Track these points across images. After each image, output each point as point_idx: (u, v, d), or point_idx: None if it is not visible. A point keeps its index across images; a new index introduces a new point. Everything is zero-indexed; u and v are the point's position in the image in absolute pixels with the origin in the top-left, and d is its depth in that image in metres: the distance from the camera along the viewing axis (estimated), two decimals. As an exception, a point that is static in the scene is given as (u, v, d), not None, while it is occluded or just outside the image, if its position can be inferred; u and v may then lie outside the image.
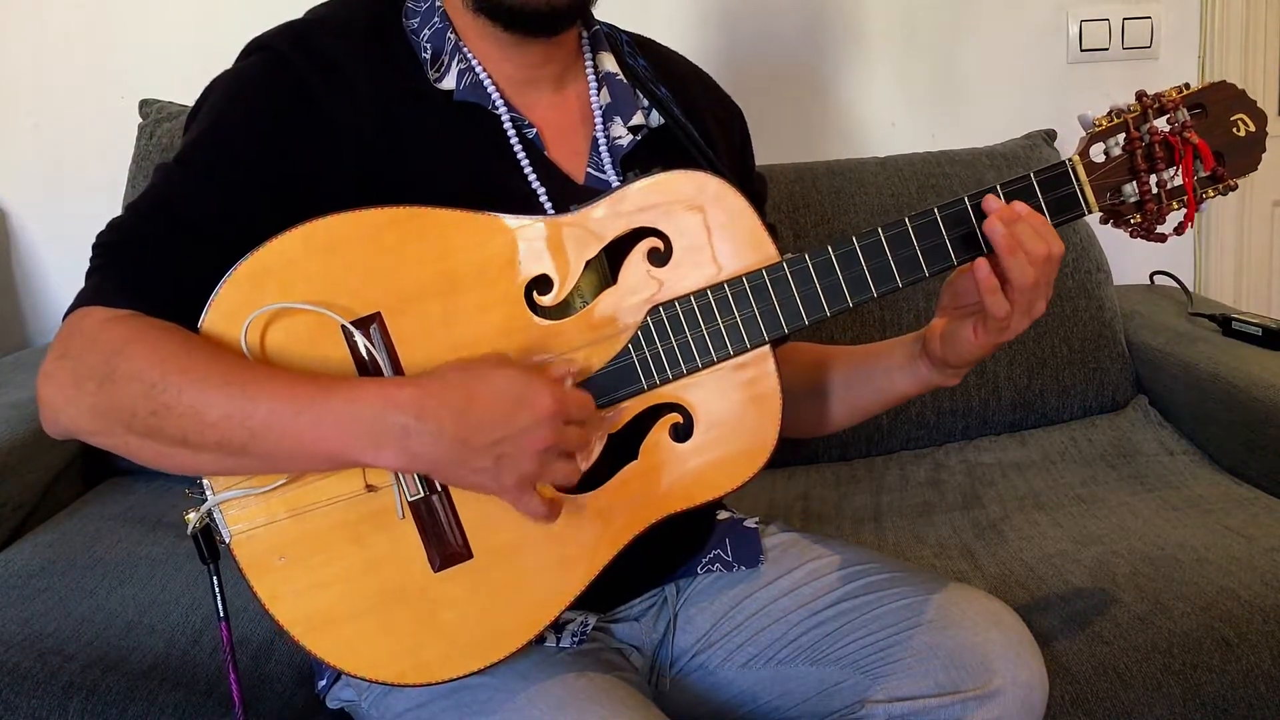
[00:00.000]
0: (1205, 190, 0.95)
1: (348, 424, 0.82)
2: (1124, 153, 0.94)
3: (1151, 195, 0.95)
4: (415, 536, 0.89)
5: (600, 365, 0.91)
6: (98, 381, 0.83)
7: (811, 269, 0.92)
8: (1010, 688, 0.97)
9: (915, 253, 0.93)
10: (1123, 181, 0.95)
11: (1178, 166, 0.94)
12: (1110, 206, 0.95)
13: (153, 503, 1.53)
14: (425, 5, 0.99)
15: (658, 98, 1.03)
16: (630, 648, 1.05)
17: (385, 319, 0.88)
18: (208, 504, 0.88)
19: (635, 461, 0.92)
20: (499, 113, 0.97)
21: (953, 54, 2.08)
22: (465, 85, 0.97)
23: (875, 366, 1.07)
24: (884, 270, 0.93)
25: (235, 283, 0.86)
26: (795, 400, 1.04)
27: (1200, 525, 1.35)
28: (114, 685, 1.09)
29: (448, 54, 0.97)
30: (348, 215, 0.87)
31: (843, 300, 0.93)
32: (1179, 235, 0.98)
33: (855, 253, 0.92)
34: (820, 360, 1.11)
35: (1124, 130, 0.94)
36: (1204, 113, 0.95)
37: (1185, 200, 0.95)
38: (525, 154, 0.97)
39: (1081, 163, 0.94)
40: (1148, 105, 0.94)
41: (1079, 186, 0.94)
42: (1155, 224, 0.96)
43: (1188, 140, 0.93)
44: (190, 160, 0.92)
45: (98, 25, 1.94)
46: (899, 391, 1.05)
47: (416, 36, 0.98)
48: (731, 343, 0.92)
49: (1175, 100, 0.94)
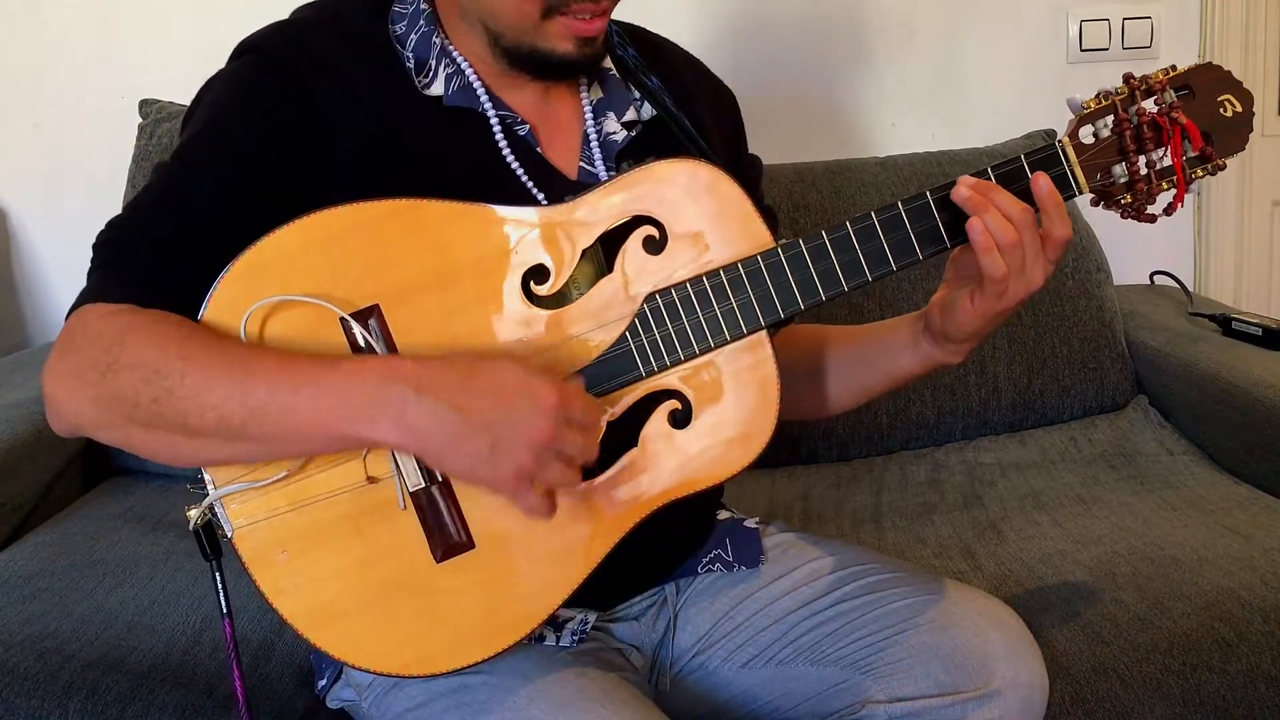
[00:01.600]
0: (1194, 170, 0.96)
1: (346, 397, 0.82)
2: (1113, 134, 0.95)
3: (1141, 176, 0.95)
4: (417, 528, 0.90)
5: (598, 353, 0.91)
6: (100, 373, 0.83)
7: (806, 254, 0.93)
8: (1010, 688, 0.97)
9: (909, 235, 0.93)
10: (1112, 162, 0.95)
11: (1166, 147, 0.94)
12: (1100, 187, 0.96)
13: (153, 502, 1.53)
14: (411, 8, 0.98)
15: (649, 89, 1.03)
16: (630, 647, 1.05)
17: (384, 311, 0.88)
18: (209, 498, 0.88)
19: (635, 449, 0.92)
20: (489, 115, 0.97)
21: (953, 54, 2.08)
22: (455, 89, 0.97)
23: (878, 346, 1.06)
24: (878, 253, 0.93)
25: (234, 276, 0.87)
26: (796, 382, 1.04)
27: (1200, 525, 1.35)
28: (114, 685, 1.09)
29: (434, 58, 0.97)
30: (346, 208, 0.88)
31: (838, 284, 0.93)
32: (1168, 215, 0.98)
33: (849, 237, 0.93)
34: (820, 342, 1.11)
35: (1112, 112, 0.95)
36: (1191, 94, 0.95)
37: (1175, 180, 0.96)
38: (517, 153, 0.97)
39: (1071, 144, 0.94)
40: (1135, 87, 0.95)
41: (1069, 167, 0.94)
42: (1145, 204, 0.97)
43: (1175, 121, 0.94)
44: (188, 158, 0.92)
45: (98, 25, 1.94)
46: (904, 371, 1.05)
47: (402, 44, 0.97)
48: (728, 328, 0.92)
49: (1162, 82, 0.95)
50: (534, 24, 0.93)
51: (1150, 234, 2.09)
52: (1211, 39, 2.09)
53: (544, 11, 0.92)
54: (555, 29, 0.93)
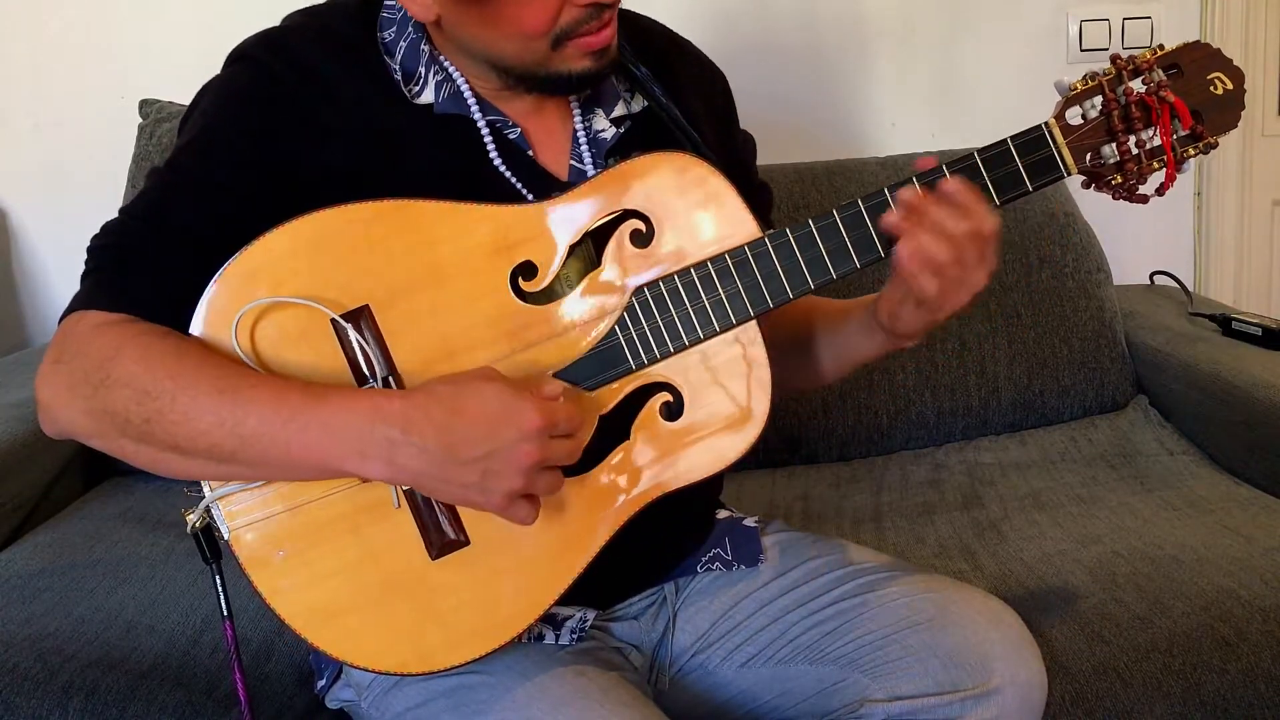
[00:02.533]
0: (1186, 149, 0.95)
1: (334, 434, 0.83)
2: (1101, 115, 0.94)
3: (1131, 156, 0.95)
4: (412, 526, 0.90)
5: (588, 347, 0.91)
6: (92, 387, 0.84)
7: (793, 243, 0.93)
8: (1009, 686, 0.97)
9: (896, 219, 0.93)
10: (1101, 143, 0.95)
11: (1155, 126, 0.94)
12: (1090, 168, 0.96)
13: (153, 503, 1.53)
14: (399, 15, 0.98)
15: (636, 78, 1.02)
16: (629, 647, 1.05)
17: (374, 311, 0.89)
18: (205, 500, 0.89)
19: (627, 441, 0.92)
20: (478, 121, 0.97)
21: (953, 54, 2.08)
22: (445, 97, 0.96)
23: (842, 328, 1.06)
24: (865, 241, 0.93)
25: (225, 281, 0.87)
26: (783, 355, 1.04)
27: (1200, 525, 1.35)
28: (114, 685, 1.09)
29: (423, 66, 0.96)
30: (334, 210, 0.88)
31: (826, 272, 0.93)
32: (1160, 196, 0.97)
33: (836, 225, 0.93)
34: (806, 314, 1.10)
35: (1099, 92, 0.94)
36: (1180, 73, 0.95)
37: (1165, 160, 0.95)
38: (509, 158, 0.97)
39: (1058, 125, 0.94)
40: (1122, 67, 0.94)
41: (1056, 148, 0.94)
42: (1136, 184, 0.96)
43: (1164, 99, 0.93)
44: (181, 165, 0.93)
45: (98, 25, 1.94)
46: (862, 355, 1.05)
47: (390, 53, 0.97)
48: (718, 319, 0.92)
49: (1149, 61, 0.94)
50: (545, 55, 0.92)
51: (1150, 234, 2.11)
52: (1211, 39, 2.09)
53: (554, 44, 0.91)
54: (568, 53, 0.93)
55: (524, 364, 0.90)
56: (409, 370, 0.89)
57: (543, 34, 0.91)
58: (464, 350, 0.90)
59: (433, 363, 0.89)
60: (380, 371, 0.88)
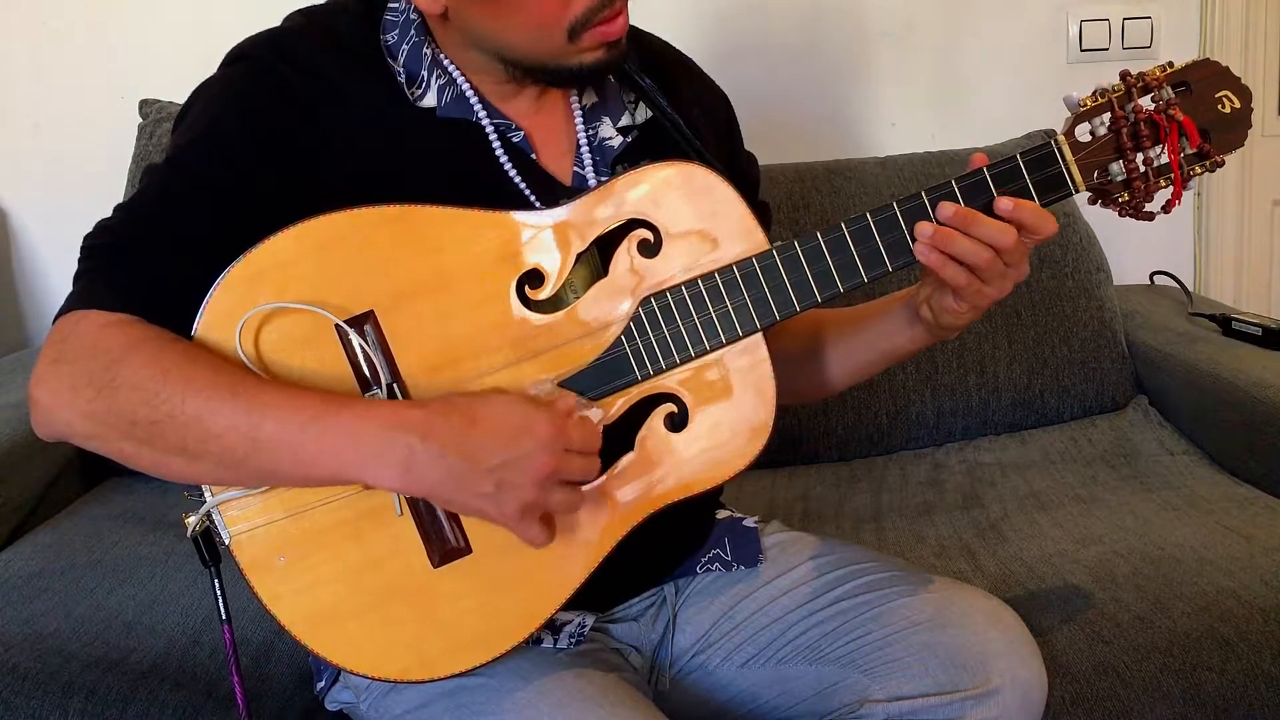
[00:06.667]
0: (1192, 167, 0.95)
1: (354, 440, 0.83)
2: (1109, 132, 0.94)
3: (1139, 173, 0.95)
4: (414, 533, 0.90)
5: (593, 357, 0.91)
6: (97, 389, 0.83)
7: (801, 255, 0.92)
8: (1009, 687, 0.97)
9: (903, 236, 0.93)
10: (1109, 160, 0.95)
11: (1163, 144, 0.94)
12: (1098, 186, 0.96)
13: (153, 503, 1.53)
14: (402, 17, 0.97)
15: (642, 89, 1.02)
16: (629, 648, 1.05)
17: (379, 317, 0.88)
18: (206, 505, 0.88)
19: (631, 453, 0.92)
20: (483, 124, 0.97)
21: (952, 54, 2.08)
22: (448, 100, 0.96)
23: (873, 329, 1.06)
24: (873, 255, 0.93)
25: (230, 285, 0.87)
26: (791, 365, 1.04)
27: (1200, 525, 1.35)
28: (114, 685, 1.09)
29: (426, 70, 0.96)
30: (340, 215, 0.88)
31: (833, 285, 0.93)
32: (1166, 213, 0.97)
33: (844, 238, 0.93)
34: (816, 325, 1.10)
35: (1109, 109, 0.94)
36: (1188, 90, 0.95)
37: (1172, 178, 0.95)
38: (512, 161, 0.97)
39: (1067, 142, 0.94)
40: (1132, 84, 0.94)
41: (1065, 165, 0.94)
42: (1143, 202, 0.96)
43: (1172, 118, 0.93)
44: (180, 163, 0.92)
45: (98, 25, 1.94)
46: (902, 350, 1.05)
47: (393, 56, 0.96)
48: (724, 331, 0.92)
49: (1159, 79, 0.94)
50: (560, 47, 0.92)
51: (1150, 234, 2.09)
52: (1211, 39, 2.09)
53: (570, 35, 0.91)
54: (583, 44, 0.92)
55: (528, 372, 0.90)
56: (413, 376, 0.89)
57: (557, 23, 0.90)
58: (468, 357, 0.89)
59: (437, 369, 0.89)
60: (384, 377, 0.88)
